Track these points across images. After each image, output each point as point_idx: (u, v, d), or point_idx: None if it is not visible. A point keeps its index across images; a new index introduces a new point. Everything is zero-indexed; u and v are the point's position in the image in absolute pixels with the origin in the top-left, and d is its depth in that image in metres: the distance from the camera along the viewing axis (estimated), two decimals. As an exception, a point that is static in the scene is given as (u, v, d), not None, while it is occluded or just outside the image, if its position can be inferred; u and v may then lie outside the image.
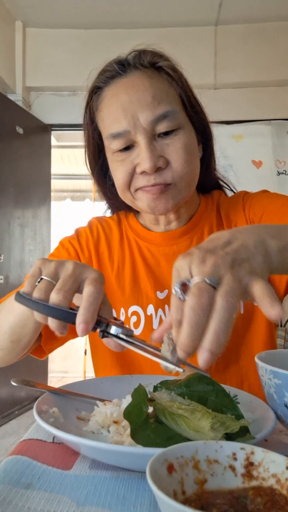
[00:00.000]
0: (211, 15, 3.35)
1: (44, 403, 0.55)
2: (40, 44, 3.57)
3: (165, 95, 0.73)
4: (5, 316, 0.69)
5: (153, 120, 0.70)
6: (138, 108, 0.71)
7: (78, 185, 6.01)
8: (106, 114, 0.75)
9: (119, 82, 0.75)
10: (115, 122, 0.72)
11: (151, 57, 0.75)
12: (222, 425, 0.45)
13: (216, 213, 0.86)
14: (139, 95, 0.71)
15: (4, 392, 3.12)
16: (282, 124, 3.45)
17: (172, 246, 0.83)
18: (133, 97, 0.71)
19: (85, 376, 3.72)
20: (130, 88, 0.72)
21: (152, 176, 0.71)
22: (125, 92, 0.72)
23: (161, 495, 0.29)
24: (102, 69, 0.78)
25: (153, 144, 0.71)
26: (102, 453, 0.44)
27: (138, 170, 0.72)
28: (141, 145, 0.71)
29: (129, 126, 0.71)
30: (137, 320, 0.80)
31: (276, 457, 0.35)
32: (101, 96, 0.77)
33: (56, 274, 0.52)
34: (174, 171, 0.72)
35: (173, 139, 0.72)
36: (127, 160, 0.73)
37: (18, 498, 0.40)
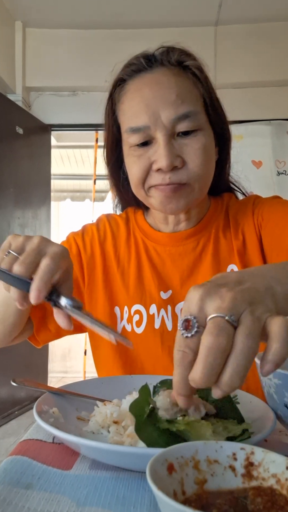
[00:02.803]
0: (211, 15, 3.35)
1: (44, 403, 0.55)
2: (40, 44, 3.57)
3: (189, 94, 0.72)
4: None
5: (175, 118, 0.70)
6: (160, 105, 0.70)
7: (78, 185, 6.01)
8: (128, 107, 0.74)
9: (144, 76, 0.74)
10: (136, 116, 0.72)
11: (178, 55, 0.75)
12: (224, 430, 0.45)
13: (224, 215, 0.86)
14: (163, 92, 0.71)
15: (4, 392, 3.12)
16: (282, 124, 3.45)
17: (179, 247, 0.82)
18: (157, 94, 0.71)
19: (85, 376, 3.72)
20: (154, 84, 0.72)
21: (168, 175, 0.71)
22: (149, 87, 0.72)
23: (161, 495, 0.29)
24: (128, 61, 0.77)
25: (172, 142, 0.71)
26: (102, 453, 0.44)
27: (154, 167, 0.72)
28: (159, 142, 0.71)
29: (149, 122, 0.71)
30: (139, 319, 0.80)
31: (276, 457, 0.35)
32: (125, 89, 0.76)
33: (22, 248, 0.55)
34: (190, 171, 0.72)
35: (192, 139, 0.72)
36: (144, 156, 0.73)
37: (18, 498, 0.40)
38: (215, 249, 0.82)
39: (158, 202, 0.75)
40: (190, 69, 0.75)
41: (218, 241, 0.82)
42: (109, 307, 0.83)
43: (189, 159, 0.71)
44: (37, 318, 0.81)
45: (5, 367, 3.08)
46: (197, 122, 0.72)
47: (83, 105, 3.66)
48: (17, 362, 3.24)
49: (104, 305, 0.83)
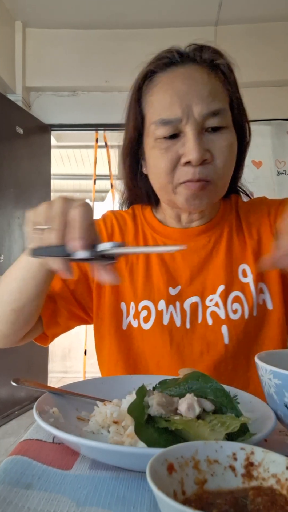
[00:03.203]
0: (211, 15, 3.35)
1: (44, 403, 0.55)
2: (40, 44, 3.57)
3: (219, 93, 0.73)
4: (5, 286, 0.72)
5: (206, 114, 0.71)
6: (194, 99, 0.70)
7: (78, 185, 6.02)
8: (158, 99, 0.74)
9: (176, 70, 0.74)
10: (168, 108, 0.72)
11: (211, 53, 0.76)
12: (222, 425, 0.45)
13: (236, 216, 0.86)
14: (196, 87, 0.71)
15: (4, 392, 3.12)
16: (282, 124, 3.45)
17: (190, 242, 0.82)
18: (190, 88, 0.71)
19: (85, 376, 3.72)
20: (187, 78, 0.72)
21: (197, 169, 0.71)
22: (182, 81, 0.72)
23: (161, 495, 0.29)
24: (159, 55, 0.77)
25: (201, 137, 0.71)
26: (102, 453, 0.44)
27: (182, 160, 0.71)
28: (188, 136, 0.70)
29: (181, 115, 0.71)
30: (147, 315, 0.80)
31: (276, 457, 0.35)
32: (155, 81, 0.76)
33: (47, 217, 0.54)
34: (217, 167, 0.72)
35: (219, 136, 0.72)
36: (172, 149, 0.72)
37: (18, 498, 0.40)
38: (228, 248, 0.82)
39: (183, 199, 0.74)
40: (221, 69, 0.75)
41: (231, 240, 0.83)
42: (115, 303, 0.82)
43: (216, 155, 0.72)
44: (46, 314, 0.81)
45: (5, 367, 3.08)
46: (225, 120, 0.73)
47: (83, 105, 3.66)
48: (17, 362, 3.24)
49: (110, 300, 0.83)
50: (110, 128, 3.74)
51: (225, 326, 0.78)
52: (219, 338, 0.78)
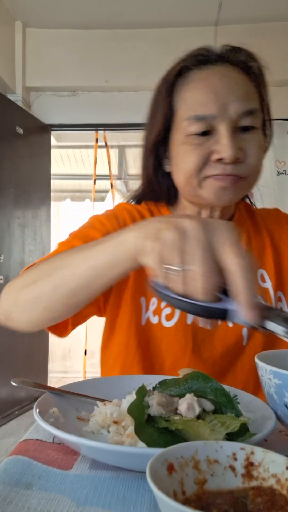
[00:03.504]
0: (211, 15, 3.35)
1: (44, 403, 0.54)
2: (40, 44, 3.57)
3: (253, 94, 0.74)
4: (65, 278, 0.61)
5: (242, 113, 0.71)
6: (230, 98, 0.71)
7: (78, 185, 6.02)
8: (193, 95, 0.73)
9: (211, 69, 0.74)
10: (203, 105, 0.72)
11: (245, 56, 0.76)
12: (222, 425, 0.45)
13: (250, 220, 0.87)
14: (232, 86, 0.72)
15: (4, 392, 3.12)
16: (282, 124, 3.45)
17: None
18: (226, 86, 0.72)
19: (85, 376, 3.72)
20: (224, 77, 0.73)
21: (229, 166, 0.71)
22: (219, 79, 0.72)
23: (161, 495, 0.29)
24: (193, 52, 0.77)
25: (234, 135, 0.71)
26: (102, 453, 0.44)
27: (214, 157, 0.71)
28: (222, 133, 0.70)
29: (216, 112, 0.71)
30: (171, 312, 0.79)
31: (276, 457, 0.35)
32: (189, 77, 0.75)
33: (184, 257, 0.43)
34: (250, 165, 0.72)
35: (251, 136, 0.73)
36: (204, 145, 0.72)
37: (18, 498, 0.40)
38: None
39: (211, 192, 0.73)
40: (253, 72, 0.76)
41: (250, 243, 0.84)
42: (135, 297, 0.81)
43: (249, 154, 0.72)
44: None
45: (5, 367, 3.08)
46: (257, 121, 0.73)
47: (83, 105, 3.66)
48: (17, 362, 3.24)
49: (130, 294, 0.81)
50: (110, 128, 3.74)
51: (245, 329, 0.80)
52: (239, 340, 0.80)
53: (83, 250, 0.61)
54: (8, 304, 0.68)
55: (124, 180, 5.66)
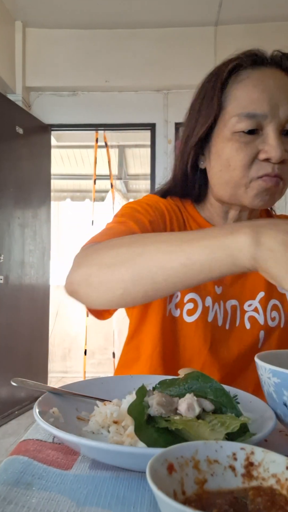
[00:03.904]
0: (211, 15, 3.35)
1: (44, 403, 0.54)
2: (40, 44, 3.58)
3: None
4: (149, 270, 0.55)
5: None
6: (282, 100, 0.72)
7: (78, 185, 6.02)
8: (246, 93, 0.74)
9: (264, 70, 0.75)
10: (256, 103, 0.73)
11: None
12: (222, 425, 0.45)
13: None
14: (284, 89, 0.73)
15: (4, 392, 3.12)
16: (282, 124, 3.45)
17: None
18: (279, 88, 0.73)
19: (85, 376, 3.72)
20: (277, 79, 0.74)
21: (276, 166, 0.72)
22: (273, 80, 0.73)
23: (161, 495, 0.29)
24: (246, 52, 0.78)
25: (281, 137, 0.73)
26: (102, 453, 0.44)
27: (262, 156, 0.72)
28: (271, 133, 0.72)
29: (268, 112, 0.72)
30: (193, 308, 0.79)
31: (276, 457, 0.35)
32: (243, 75, 0.76)
33: None
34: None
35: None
36: (252, 144, 0.73)
37: (18, 498, 0.40)
38: None
39: (254, 194, 0.74)
40: None
41: None
42: None
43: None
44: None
45: (5, 367, 3.08)
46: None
47: (83, 105, 3.66)
48: (17, 362, 3.24)
49: None
50: (110, 128, 3.74)
51: (263, 332, 0.81)
52: (255, 343, 0.81)
53: (171, 241, 0.55)
54: (78, 280, 0.63)
55: (124, 180, 5.67)
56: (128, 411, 0.49)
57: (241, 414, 0.49)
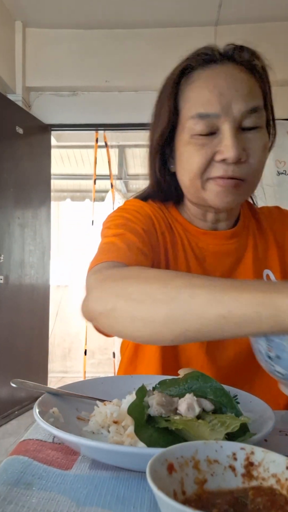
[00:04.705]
0: (211, 15, 3.35)
1: (44, 403, 0.55)
2: (40, 44, 3.57)
3: (257, 92, 0.74)
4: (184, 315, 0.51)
5: (245, 111, 0.71)
6: (234, 97, 0.71)
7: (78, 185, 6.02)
8: (197, 94, 0.73)
9: (216, 68, 0.74)
10: (207, 103, 0.71)
11: (249, 54, 0.76)
12: (222, 425, 0.45)
13: (254, 220, 0.87)
14: (237, 85, 0.72)
15: (4, 392, 3.12)
16: (282, 124, 3.44)
17: (222, 246, 0.82)
18: (231, 85, 0.71)
19: (85, 376, 3.72)
20: (228, 76, 0.73)
21: (231, 167, 0.70)
22: (223, 78, 0.72)
23: (161, 495, 0.29)
24: (197, 51, 0.77)
25: (238, 135, 0.71)
26: (102, 453, 0.44)
27: (218, 157, 0.71)
28: (226, 133, 0.70)
29: (220, 111, 0.71)
30: None
31: (276, 457, 0.35)
32: (193, 77, 0.75)
33: None
34: (251, 167, 0.72)
35: (255, 135, 0.72)
36: (208, 146, 0.71)
37: (18, 498, 0.40)
38: (255, 254, 0.83)
39: (214, 195, 0.73)
40: (257, 70, 0.76)
41: (256, 245, 0.84)
42: None
43: (252, 154, 0.72)
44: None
45: (5, 367, 3.08)
46: (261, 119, 0.73)
47: (83, 105, 3.66)
48: (17, 362, 3.24)
49: None
50: (110, 128, 3.74)
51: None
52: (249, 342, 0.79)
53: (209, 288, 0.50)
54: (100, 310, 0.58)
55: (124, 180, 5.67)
56: (128, 411, 0.49)
57: (241, 414, 0.49)
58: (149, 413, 0.47)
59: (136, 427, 0.46)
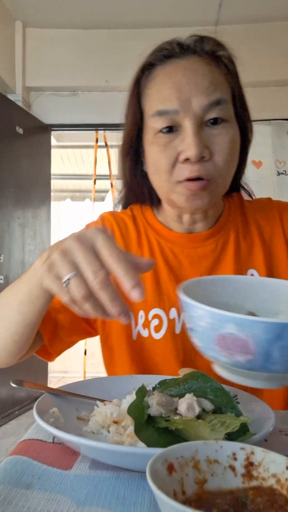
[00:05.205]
0: (211, 15, 3.35)
1: (44, 403, 0.55)
2: (40, 44, 3.57)
3: (221, 84, 0.71)
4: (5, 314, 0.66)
5: (206, 105, 0.68)
6: (193, 92, 0.68)
7: (78, 185, 6.02)
8: (157, 91, 0.71)
9: (176, 63, 0.72)
10: (166, 100, 0.69)
11: (212, 45, 0.74)
12: (222, 425, 0.45)
13: (241, 217, 0.83)
14: (196, 79, 0.69)
15: (4, 392, 3.12)
16: (282, 124, 3.45)
17: (197, 248, 0.79)
18: (189, 80, 0.69)
19: (85, 376, 3.72)
20: (187, 70, 0.70)
21: (196, 167, 0.67)
22: (182, 73, 0.70)
23: (161, 495, 0.29)
24: (159, 46, 0.75)
25: (200, 132, 0.68)
26: (102, 453, 0.44)
27: (181, 157, 0.68)
28: (187, 130, 0.67)
29: (179, 107, 0.68)
30: (158, 324, 0.77)
31: (276, 457, 0.35)
32: (154, 74, 0.73)
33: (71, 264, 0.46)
34: (216, 165, 0.69)
35: (220, 130, 0.69)
36: (171, 146, 0.69)
37: (18, 498, 0.40)
38: (236, 252, 0.79)
39: (183, 199, 0.70)
40: (222, 60, 0.73)
41: (238, 244, 0.80)
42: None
43: (216, 151, 0.69)
44: (48, 331, 0.77)
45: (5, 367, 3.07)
46: (227, 112, 0.70)
47: (83, 105, 3.66)
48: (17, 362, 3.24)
49: None
50: (110, 128, 3.74)
51: None
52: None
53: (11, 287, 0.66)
54: None
55: (124, 180, 5.65)
56: (128, 411, 0.49)
57: (241, 414, 0.49)
58: (149, 413, 0.47)
59: (136, 427, 0.46)
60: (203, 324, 0.43)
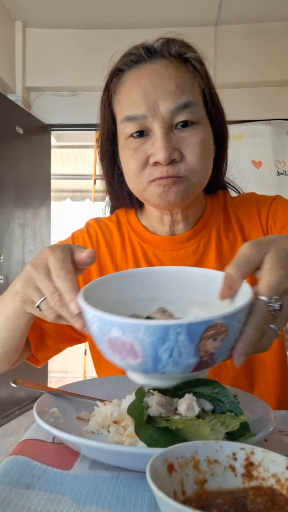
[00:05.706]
0: (211, 15, 3.35)
1: (44, 403, 0.55)
2: (40, 44, 3.57)
3: (189, 86, 0.71)
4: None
5: (174, 109, 0.69)
6: (160, 96, 0.69)
7: (78, 185, 6.01)
8: (125, 97, 0.72)
9: (143, 67, 0.73)
10: (133, 105, 0.70)
11: (179, 47, 0.74)
12: (222, 425, 0.45)
13: (224, 214, 0.83)
14: (163, 83, 0.69)
15: (4, 392, 3.12)
16: (282, 124, 3.45)
17: (179, 250, 0.79)
18: (156, 84, 0.69)
19: (85, 376, 3.72)
20: (154, 75, 0.71)
21: (165, 168, 0.68)
22: (148, 78, 0.70)
23: (161, 495, 0.29)
24: (127, 51, 0.76)
25: (170, 135, 0.69)
26: (102, 453, 0.44)
27: (151, 160, 0.69)
28: (156, 135, 0.68)
29: (147, 112, 0.69)
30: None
31: (276, 457, 0.35)
32: (122, 79, 0.74)
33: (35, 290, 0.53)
34: (188, 165, 0.70)
35: (190, 133, 0.70)
36: (141, 149, 0.70)
37: (18, 498, 0.40)
38: (218, 251, 0.79)
39: (156, 197, 0.71)
40: (190, 62, 0.73)
41: (220, 242, 0.80)
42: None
43: (187, 153, 0.69)
44: (34, 338, 0.78)
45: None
46: (196, 114, 0.70)
47: (83, 105, 3.66)
48: (17, 362, 3.24)
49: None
50: (110, 128, 3.74)
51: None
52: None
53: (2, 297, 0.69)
54: None
55: (124, 180, 5.65)
56: (128, 411, 0.49)
57: (241, 413, 0.49)
58: (149, 413, 0.47)
59: (136, 427, 0.46)
60: (95, 327, 0.43)
